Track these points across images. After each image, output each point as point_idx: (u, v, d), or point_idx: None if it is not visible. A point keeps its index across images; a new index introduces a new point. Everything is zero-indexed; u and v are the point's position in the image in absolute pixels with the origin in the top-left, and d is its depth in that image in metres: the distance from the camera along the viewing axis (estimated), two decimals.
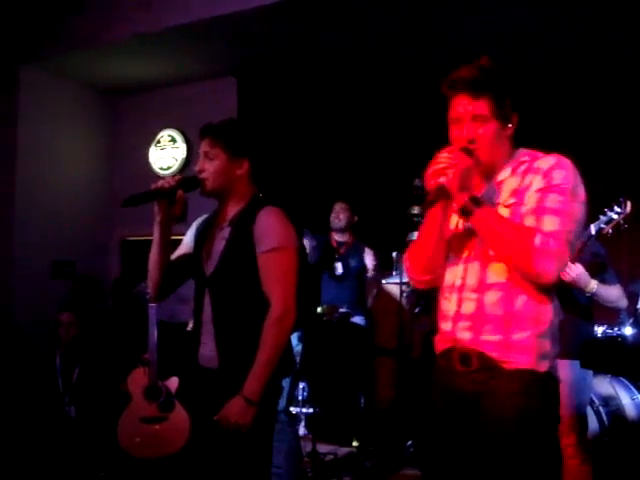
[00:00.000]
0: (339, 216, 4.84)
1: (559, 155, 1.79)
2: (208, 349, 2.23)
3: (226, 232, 2.26)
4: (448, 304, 1.88)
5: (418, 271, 1.97)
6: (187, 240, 2.42)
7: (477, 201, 1.75)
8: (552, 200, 1.71)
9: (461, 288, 1.84)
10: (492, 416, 1.74)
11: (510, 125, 1.83)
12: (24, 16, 5.63)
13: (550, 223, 1.70)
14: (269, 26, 4.91)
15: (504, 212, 1.78)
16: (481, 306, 1.79)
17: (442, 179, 1.74)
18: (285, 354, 2.24)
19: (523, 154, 1.86)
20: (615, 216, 2.97)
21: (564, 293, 2.94)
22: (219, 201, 2.33)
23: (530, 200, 1.75)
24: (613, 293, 3.04)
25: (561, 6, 4.33)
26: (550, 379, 1.78)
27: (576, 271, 2.89)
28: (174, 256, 2.39)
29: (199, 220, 2.45)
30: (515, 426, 1.71)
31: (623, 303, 3.11)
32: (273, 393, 2.27)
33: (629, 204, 2.98)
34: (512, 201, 1.78)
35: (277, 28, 4.94)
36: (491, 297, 1.78)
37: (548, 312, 1.78)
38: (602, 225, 2.97)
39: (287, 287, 2.18)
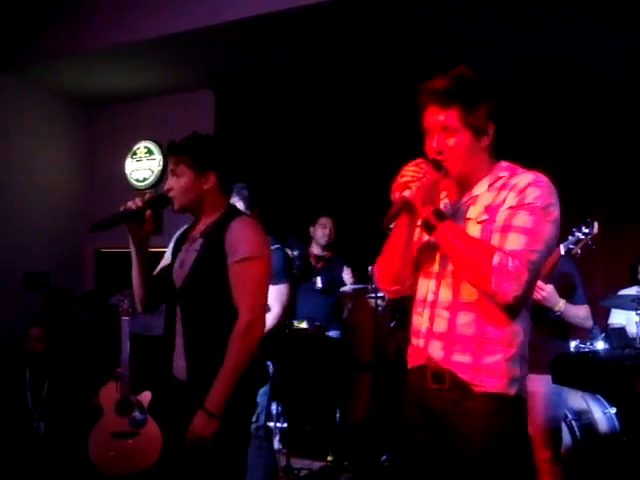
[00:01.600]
0: (331, 232, 4.90)
1: (537, 173, 1.76)
2: (181, 361, 2.23)
3: (197, 243, 2.26)
4: (420, 319, 1.86)
5: (386, 281, 1.96)
6: (168, 255, 2.43)
7: (441, 215, 1.74)
8: (520, 218, 1.68)
9: (433, 304, 1.82)
10: (462, 435, 1.73)
11: (486, 136, 1.79)
12: (0, 25, 5.58)
13: (514, 241, 1.67)
14: (247, 39, 4.92)
15: (476, 229, 1.75)
16: (453, 326, 1.77)
17: (406, 192, 1.72)
18: (258, 365, 2.23)
19: (502, 168, 1.82)
20: (583, 237, 3.04)
21: (537, 311, 2.99)
22: (193, 215, 2.34)
23: (500, 217, 1.72)
24: (580, 313, 3.11)
25: (545, 21, 4.40)
26: (519, 401, 1.75)
27: (546, 290, 2.94)
28: (156, 271, 2.40)
29: (178, 233, 2.46)
30: (484, 447, 1.70)
31: (589, 323, 3.19)
32: (247, 408, 2.26)
33: (596, 225, 3.04)
34: (484, 217, 1.75)
35: (255, 41, 4.95)
36: (463, 317, 1.76)
37: (519, 335, 1.75)
38: (571, 245, 3.05)
39: (256, 297, 2.18)
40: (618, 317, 4.05)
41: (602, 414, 3.64)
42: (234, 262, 2.15)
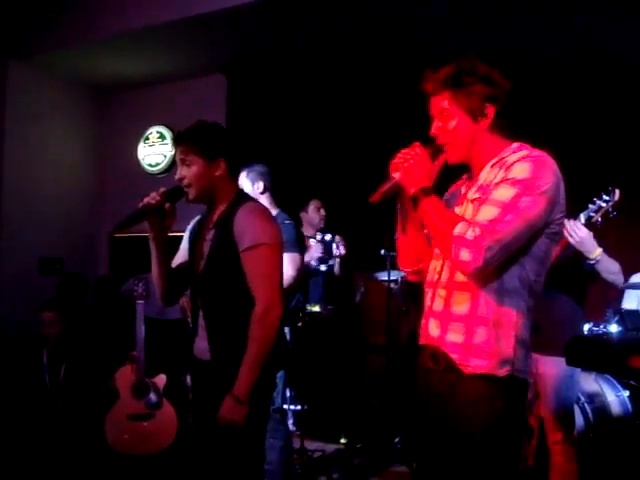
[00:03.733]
0: (322, 214, 4.86)
1: (534, 149, 1.76)
2: (202, 342, 2.30)
3: (211, 234, 2.31)
4: (426, 299, 1.91)
5: (409, 262, 2.01)
6: (184, 246, 2.48)
7: (427, 192, 1.77)
8: (498, 192, 1.68)
9: (436, 284, 1.86)
10: (457, 418, 1.75)
11: (483, 118, 1.80)
12: (12, 12, 5.59)
13: (484, 212, 1.68)
14: (258, 23, 4.90)
15: (470, 208, 1.79)
16: (448, 304, 1.80)
17: (396, 174, 1.81)
18: (278, 347, 2.27)
19: (509, 149, 1.80)
20: (604, 204, 2.97)
21: (571, 264, 2.94)
22: (206, 204, 2.37)
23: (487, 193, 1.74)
24: (615, 265, 3.00)
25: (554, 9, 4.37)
26: (513, 382, 1.73)
27: (582, 233, 2.87)
28: (175, 263, 2.44)
29: (192, 223, 2.50)
30: (478, 430, 1.71)
31: (621, 279, 3.08)
32: (267, 388, 2.30)
33: (617, 192, 2.98)
34: (476, 196, 1.78)
35: (266, 25, 4.94)
36: (457, 296, 1.78)
37: (512, 314, 1.73)
38: (591, 214, 2.98)
39: (269, 283, 2.20)
40: (630, 301, 4.03)
41: (615, 397, 3.63)
42: (243, 250, 2.20)
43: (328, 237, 4.75)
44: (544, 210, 1.68)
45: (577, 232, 2.88)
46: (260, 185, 3.51)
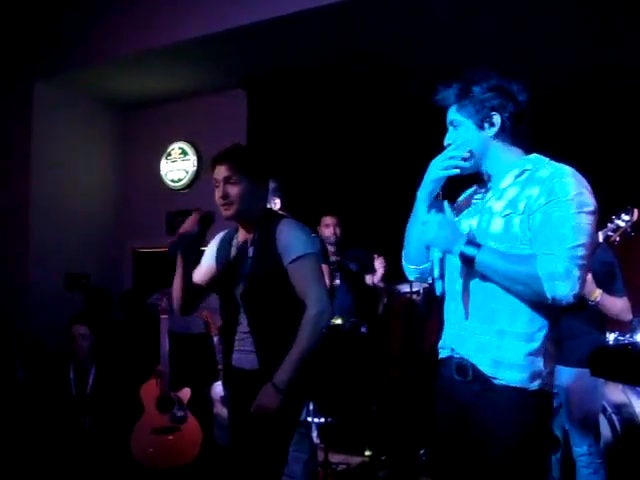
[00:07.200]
0: (335, 231, 4.82)
1: (560, 164, 1.77)
2: (244, 353, 2.40)
3: (250, 251, 2.41)
4: (448, 310, 1.91)
5: (407, 258, 2.07)
6: (207, 259, 2.56)
7: (473, 244, 1.75)
8: (554, 217, 1.68)
9: (460, 295, 1.85)
10: (486, 428, 1.75)
11: (490, 125, 1.83)
12: (37, 33, 5.73)
13: (555, 241, 1.66)
14: (279, 39, 4.95)
15: (500, 222, 1.78)
16: (475, 317, 1.80)
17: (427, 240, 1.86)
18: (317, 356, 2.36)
19: (529, 161, 1.83)
20: (622, 223, 2.95)
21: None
22: (241, 222, 2.46)
23: (536, 217, 1.71)
24: (617, 304, 3.00)
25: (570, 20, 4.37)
26: (543, 395, 1.76)
27: None
28: (196, 276, 2.52)
29: (219, 237, 2.58)
30: (508, 439, 1.72)
31: (626, 316, 3.07)
32: (301, 398, 2.39)
33: (636, 212, 2.97)
34: (508, 211, 1.77)
35: (287, 41, 4.98)
36: (487, 309, 1.78)
37: (542, 329, 1.75)
38: (609, 233, 2.96)
39: (319, 288, 2.33)
40: None
41: None
42: (290, 262, 2.31)
43: None
44: (596, 226, 1.73)
45: None
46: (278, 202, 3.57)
